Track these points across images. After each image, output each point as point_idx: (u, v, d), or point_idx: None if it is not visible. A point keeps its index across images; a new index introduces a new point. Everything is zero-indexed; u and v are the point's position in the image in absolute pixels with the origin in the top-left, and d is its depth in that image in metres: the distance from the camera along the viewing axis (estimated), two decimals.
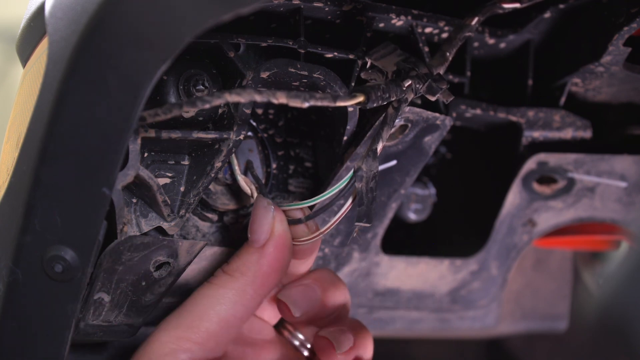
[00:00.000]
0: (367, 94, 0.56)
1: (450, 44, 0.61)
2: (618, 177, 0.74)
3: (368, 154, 0.58)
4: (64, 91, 0.51)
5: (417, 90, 0.58)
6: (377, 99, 0.56)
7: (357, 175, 0.58)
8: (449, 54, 0.61)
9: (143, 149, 0.59)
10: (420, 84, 0.58)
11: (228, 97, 0.51)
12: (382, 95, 0.56)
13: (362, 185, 0.58)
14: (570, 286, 0.94)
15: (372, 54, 0.61)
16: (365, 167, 0.58)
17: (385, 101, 0.57)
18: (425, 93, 0.59)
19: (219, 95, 0.51)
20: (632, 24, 0.64)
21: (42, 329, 0.54)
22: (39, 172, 0.52)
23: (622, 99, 0.75)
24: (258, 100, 0.51)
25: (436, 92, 0.59)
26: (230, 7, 0.47)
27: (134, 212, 0.59)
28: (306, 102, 0.52)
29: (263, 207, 0.60)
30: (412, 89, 0.58)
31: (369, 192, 0.58)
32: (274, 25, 0.63)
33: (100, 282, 0.57)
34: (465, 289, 0.78)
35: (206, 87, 0.59)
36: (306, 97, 0.52)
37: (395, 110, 0.59)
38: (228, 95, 0.51)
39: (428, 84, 0.59)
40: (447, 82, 0.59)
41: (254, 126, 0.67)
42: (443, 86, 0.59)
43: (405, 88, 0.58)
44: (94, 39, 0.50)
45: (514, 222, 0.76)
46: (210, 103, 0.51)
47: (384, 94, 0.57)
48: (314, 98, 0.53)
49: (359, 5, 0.62)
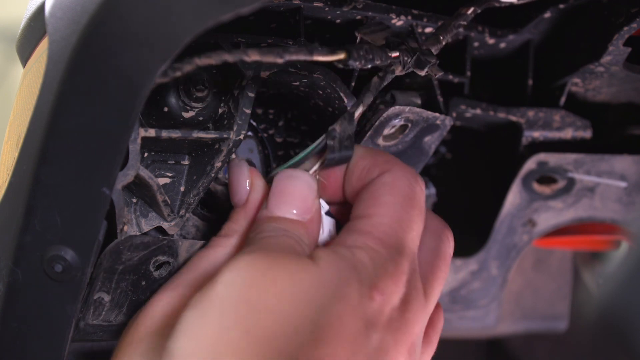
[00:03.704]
0: (348, 51, 0.54)
1: (445, 30, 0.60)
2: (618, 177, 0.74)
3: (344, 117, 0.57)
4: (64, 91, 0.51)
5: (406, 63, 0.58)
6: (360, 57, 0.55)
7: (329, 134, 0.57)
8: (442, 38, 0.60)
9: (143, 149, 0.59)
10: (409, 57, 0.58)
11: (198, 62, 0.50)
12: (365, 56, 0.55)
13: (334, 142, 0.57)
14: (570, 286, 0.94)
15: (362, 29, 0.61)
16: (339, 129, 0.57)
17: (368, 63, 0.55)
18: (414, 67, 0.58)
19: (189, 61, 0.50)
20: (632, 24, 0.64)
21: (42, 329, 0.54)
22: (39, 172, 0.52)
23: (622, 99, 0.75)
24: (230, 60, 0.50)
25: (425, 65, 0.58)
26: (230, 7, 0.47)
27: (134, 212, 0.59)
28: (280, 57, 0.51)
29: (237, 167, 0.59)
30: (400, 61, 0.58)
31: (342, 148, 0.57)
32: (273, 25, 0.63)
33: (100, 282, 0.57)
34: (465, 289, 0.78)
35: (206, 87, 0.59)
36: (280, 52, 0.51)
37: (379, 80, 0.58)
38: (198, 60, 0.50)
39: (416, 57, 0.58)
40: (436, 58, 0.58)
41: (254, 126, 0.67)
42: (432, 60, 0.58)
43: (392, 57, 0.57)
44: (94, 39, 0.50)
45: (514, 222, 0.76)
46: (182, 70, 0.50)
47: (367, 54, 0.55)
48: (288, 52, 0.51)
49: (359, 5, 0.62)
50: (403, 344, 0.53)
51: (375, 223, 0.55)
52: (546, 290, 0.93)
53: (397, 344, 0.53)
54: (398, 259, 0.54)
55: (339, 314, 0.50)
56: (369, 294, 0.52)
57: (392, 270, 0.53)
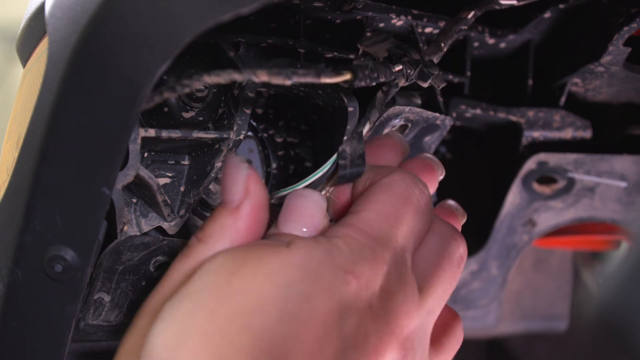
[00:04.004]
0: (354, 72, 0.55)
1: (446, 36, 0.61)
2: (618, 177, 0.74)
3: (352, 136, 0.57)
4: (64, 91, 0.51)
5: (409, 76, 0.58)
6: (365, 77, 0.55)
7: (340, 154, 0.57)
8: (444, 45, 0.60)
9: (143, 149, 0.59)
10: (412, 69, 0.58)
11: (207, 79, 0.50)
12: (370, 75, 0.55)
13: (345, 162, 0.57)
14: (570, 286, 0.94)
15: (364, 41, 0.61)
16: (350, 149, 0.57)
17: (373, 81, 0.56)
18: (417, 79, 0.58)
19: (197, 79, 0.50)
20: (632, 24, 0.64)
21: (42, 329, 0.54)
22: (39, 172, 0.52)
23: (622, 99, 0.75)
24: (238, 80, 0.51)
25: (428, 77, 0.58)
26: (230, 7, 0.47)
27: (134, 212, 0.59)
28: (289, 79, 0.51)
29: (235, 165, 0.52)
30: (403, 74, 0.58)
31: (354, 167, 0.57)
32: (273, 25, 0.63)
33: (100, 282, 0.57)
34: (465, 289, 0.78)
35: (206, 87, 0.59)
36: (288, 74, 0.51)
37: (384, 95, 0.58)
38: (207, 77, 0.50)
39: (419, 69, 0.58)
40: (439, 69, 0.59)
41: (254, 126, 0.67)
42: (435, 72, 0.58)
43: (395, 71, 0.57)
44: (93, 39, 0.50)
45: (514, 222, 0.76)
46: (190, 87, 0.50)
47: (372, 73, 0.55)
48: (296, 75, 0.51)
49: (359, 5, 0.62)
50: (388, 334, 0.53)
51: (361, 217, 0.55)
52: (546, 290, 0.93)
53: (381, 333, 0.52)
54: (378, 248, 0.53)
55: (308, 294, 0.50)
56: (343, 277, 0.51)
57: (370, 257, 0.52)
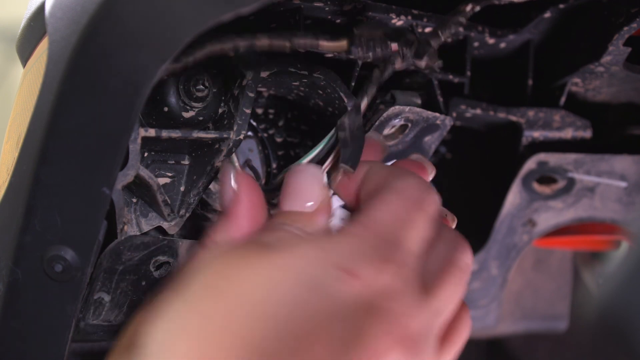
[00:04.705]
0: (350, 39, 0.57)
1: (444, 26, 0.61)
2: (618, 177, 0.74)
3: (351, 110, 0.58)
4: (64, 91, 0.51)
5: (405, 55, 0.58)
6: (361, 44, 0.57)
7: (339, 127, 0.57)
8: (441, 33, 0.60)
9: (143, 149, 0.59)
10: (408, 49, 0.58)
11: (210, 47, 0.52)
12: (366, 43, 0.57)
13: (345, 133, 0.57)
14: (570, 286, 0.94)
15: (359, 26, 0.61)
16: (349, 121, 0.57)
17: (370, 51, 0.57)
18: (413, 57, 0.59)
19: (201, 47, 0.52)
20: (632, 24, 0.64)
21: (42, 329, 0.54)
22: (39, 172, 0.52)
23: (622, 99, 0.75)
24: (241, 45, 0.52)
25: (423, 53, 0.59)
26: (230, 7, 0.47)
27: (134, 212, 0.59)
28: (288, 41, 0.55)
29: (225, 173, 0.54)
30: (400, 54, 0.58)
31: (354, 139, 0.57)
32: (274, 25, 0.63)
33: (100, 282, 0.57)
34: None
35: (206, 86, 0.59)
36: (288, 36, 0.55)
37: (380, 72, 0.59)
38: (210, 45, 0.52)
39: (415, 46, 0.59)
40: (433, 47, 0.59)
41: (254, 126, 0.67)
42: (429, 48, 0.59)
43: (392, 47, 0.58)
44: (94, 39, 0.50)
45: (514, 222, 0.76)
46: (194, 55, 0.52)
47: (368, 42, 0.57)
48: (295, 37, 0.55)
49: (359, 5, 0.62)
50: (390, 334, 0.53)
51: (372, 216, 0.54)
52: (546, 290, 0.93)
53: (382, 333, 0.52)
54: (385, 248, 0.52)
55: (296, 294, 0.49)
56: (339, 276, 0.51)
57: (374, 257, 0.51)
